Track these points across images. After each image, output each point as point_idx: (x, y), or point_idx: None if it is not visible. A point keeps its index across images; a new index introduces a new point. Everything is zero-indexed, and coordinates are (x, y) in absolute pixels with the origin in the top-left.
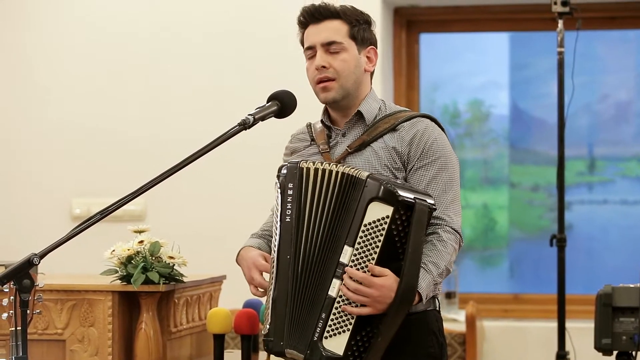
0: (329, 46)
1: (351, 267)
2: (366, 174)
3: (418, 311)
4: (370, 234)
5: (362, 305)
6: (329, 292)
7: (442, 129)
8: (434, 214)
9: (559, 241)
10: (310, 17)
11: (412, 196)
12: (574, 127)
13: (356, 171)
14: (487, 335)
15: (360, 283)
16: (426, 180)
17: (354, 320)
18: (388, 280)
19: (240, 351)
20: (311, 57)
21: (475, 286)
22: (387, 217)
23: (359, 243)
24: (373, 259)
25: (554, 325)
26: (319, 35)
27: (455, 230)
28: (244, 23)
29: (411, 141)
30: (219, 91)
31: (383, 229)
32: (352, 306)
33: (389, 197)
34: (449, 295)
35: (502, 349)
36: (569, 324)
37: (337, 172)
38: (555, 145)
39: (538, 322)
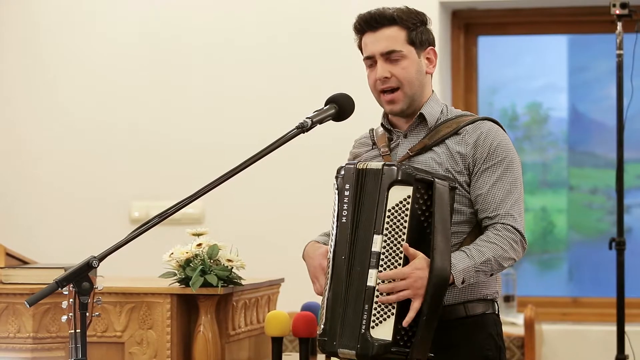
0: (389, 55)
1: (383, 253)
2: (381, 163)
3: (476, 314)
4: (395, 217)
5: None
6: (368, 283)
7: (505, 132)
8: (497, 212)
9: (618, 244)
10: (366, 25)
11: (430, 176)
12: (633, 130)
13: (374, 164)
14: (545, 338)
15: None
16: (492, 182)
17: (396, 304)
18: (417, 262)
19: (298, 354)
20: (371, 66)
21: (533, 289)
22: (409, 197)
23: (387, 229)
24: (403, 240)
25: (613, 328)
26: (377, 45)
27: (517, 230)
28: (303, 26)
29: (475, 143)
30: (278, 95)
31: (407, 209)
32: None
33: (406, 178)
34: (508, 299)
35: (560, 352)
36: (628, 328)
37: (369, 169)
38: (614, 148)
39: (597, 326)
